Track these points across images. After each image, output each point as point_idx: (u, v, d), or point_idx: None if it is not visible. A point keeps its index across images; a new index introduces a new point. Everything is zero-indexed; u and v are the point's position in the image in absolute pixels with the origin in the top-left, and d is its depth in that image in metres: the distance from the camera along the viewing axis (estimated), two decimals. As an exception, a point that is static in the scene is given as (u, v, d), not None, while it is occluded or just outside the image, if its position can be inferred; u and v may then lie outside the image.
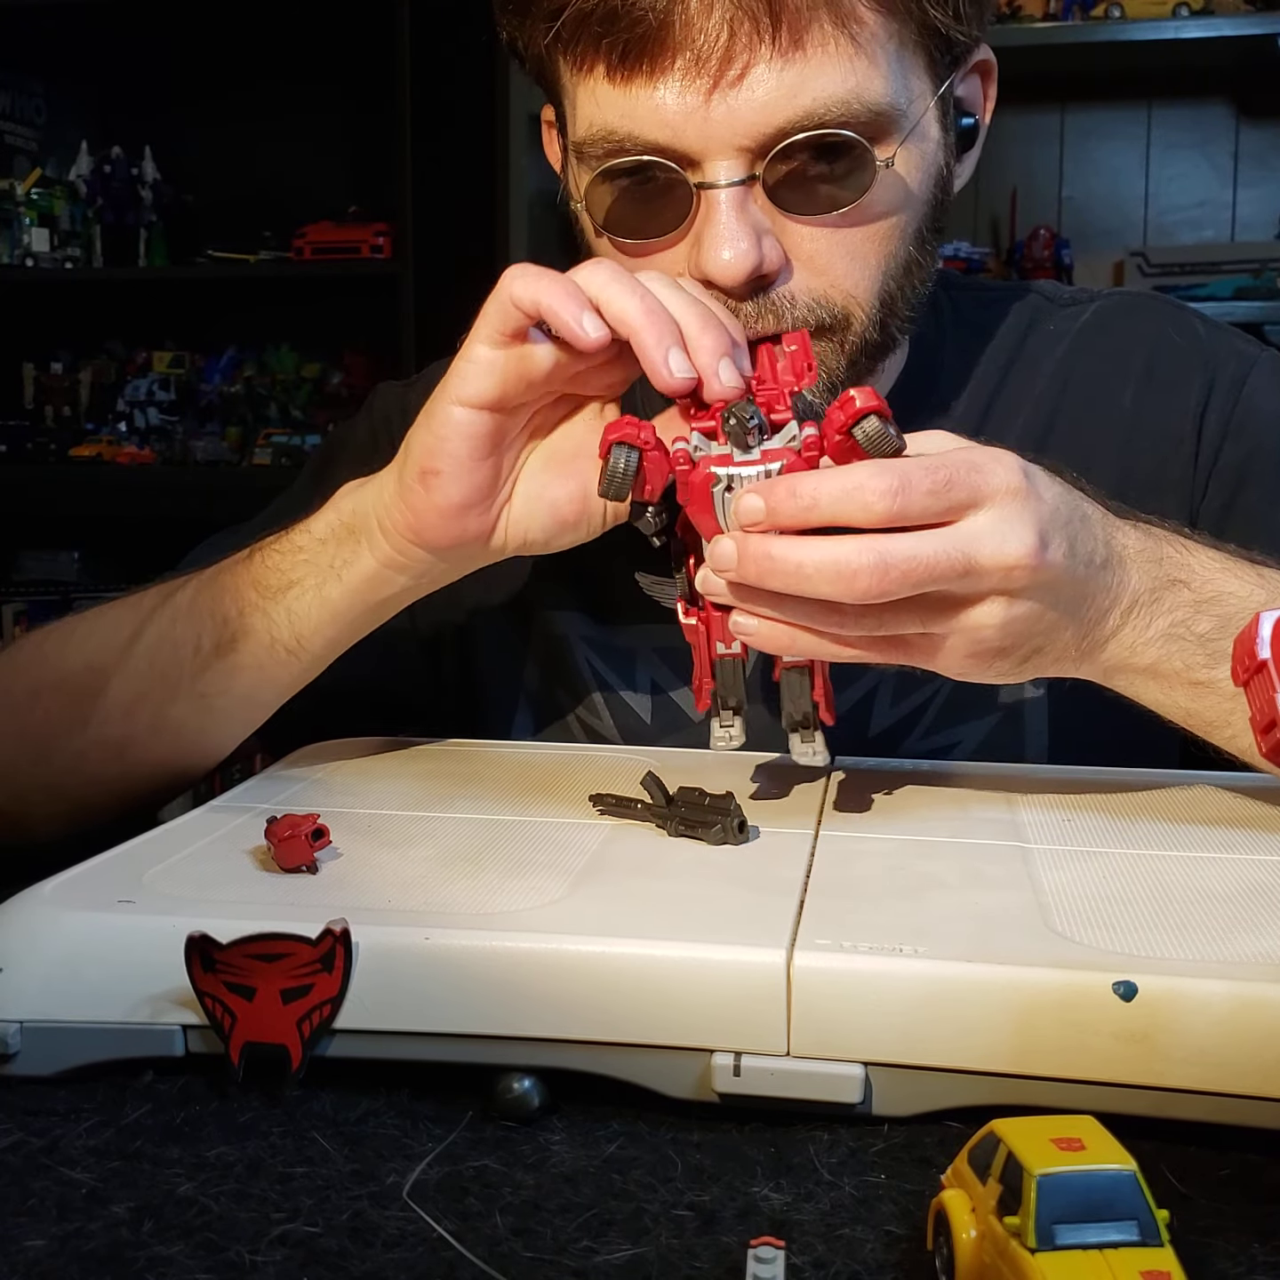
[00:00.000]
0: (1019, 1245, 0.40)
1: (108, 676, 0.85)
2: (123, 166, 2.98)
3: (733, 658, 0.72)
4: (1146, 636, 0.72)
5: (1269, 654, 0.60)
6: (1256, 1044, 0.52)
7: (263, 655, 0.82)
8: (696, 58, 0.75)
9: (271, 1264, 0.46)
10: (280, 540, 0.82)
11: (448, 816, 0.74)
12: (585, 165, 0.82)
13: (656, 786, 0.72)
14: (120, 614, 0.88)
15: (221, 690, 0.84)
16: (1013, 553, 0.65)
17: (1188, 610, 0.72)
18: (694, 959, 0.56)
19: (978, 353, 0.98)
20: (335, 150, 3.05)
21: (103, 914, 0.60)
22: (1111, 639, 0.72)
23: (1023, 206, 2.84)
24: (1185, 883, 0.64)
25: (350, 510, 0.79)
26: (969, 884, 0.64)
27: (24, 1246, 0.47)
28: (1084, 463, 0.94)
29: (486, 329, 0.72)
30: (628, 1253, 0.47)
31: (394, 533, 0.77)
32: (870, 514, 0.64)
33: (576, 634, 0.99)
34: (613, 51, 0.77)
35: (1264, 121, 2.77)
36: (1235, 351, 0.97)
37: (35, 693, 0.88)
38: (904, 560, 0.63)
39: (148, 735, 0.85)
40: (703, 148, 0.77)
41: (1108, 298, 1.01)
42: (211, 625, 0.82)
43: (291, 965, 0.56)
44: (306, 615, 0.80)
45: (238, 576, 0.82)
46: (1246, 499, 0.93)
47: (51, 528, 3.17)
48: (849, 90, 0.76)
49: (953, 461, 0.66)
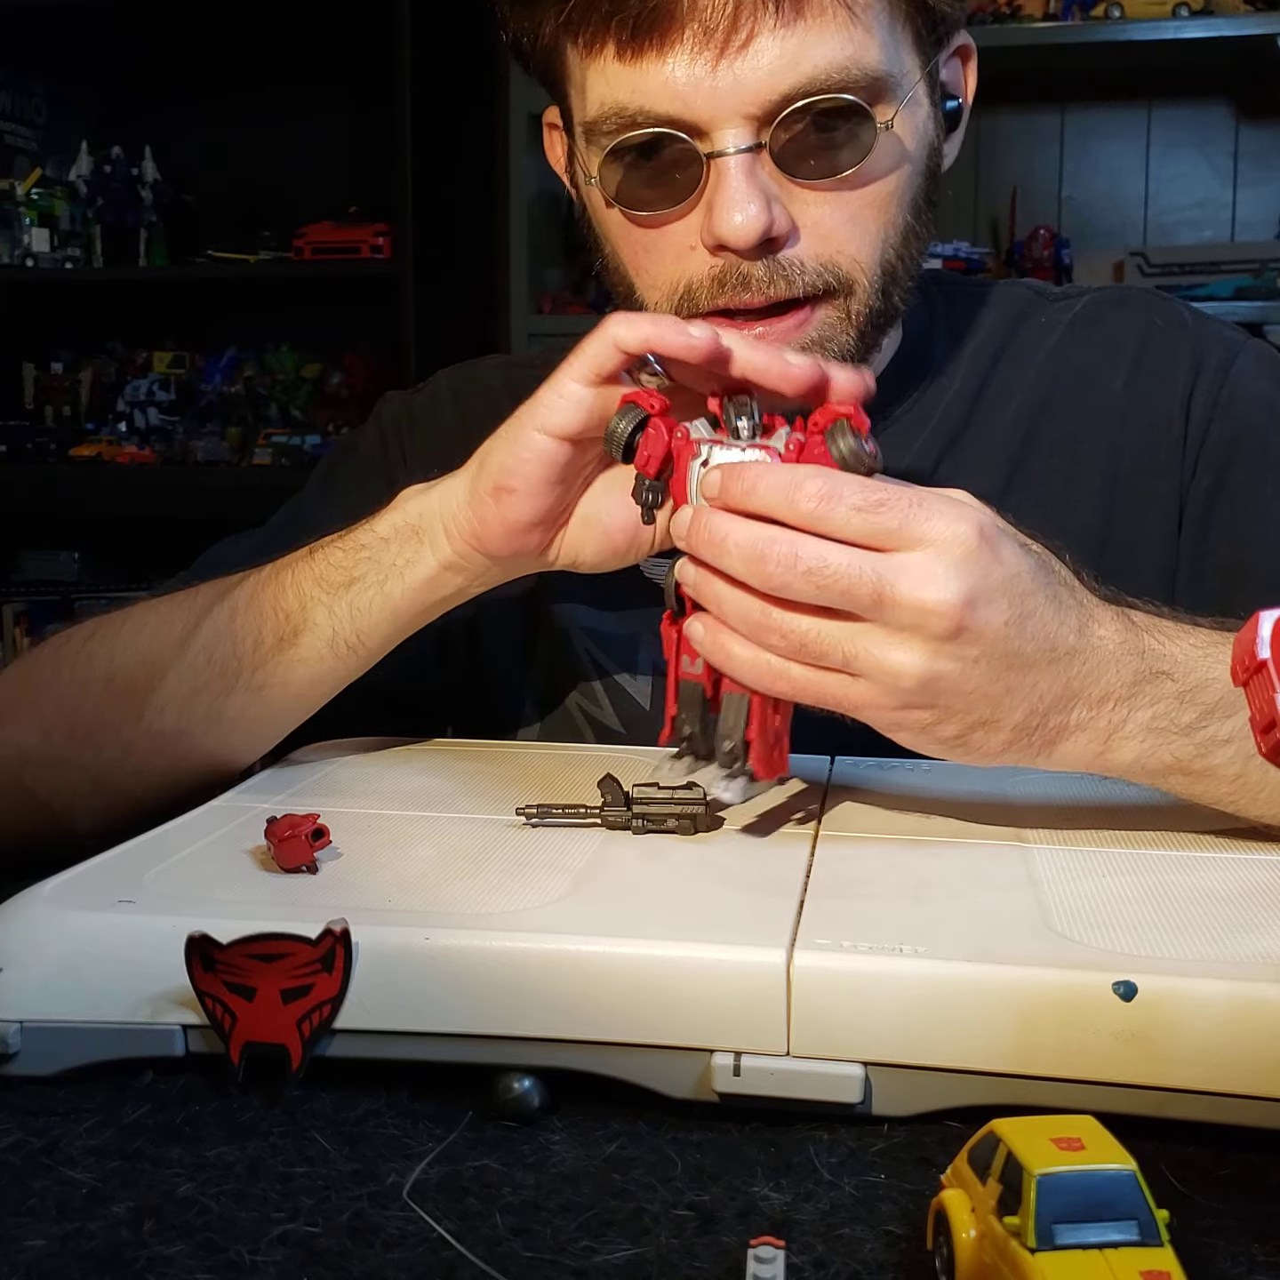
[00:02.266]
0: (1019, 1245, 0.40)
1: (163, 670, 0.86)
2: (123, 166, 2.98)
3: (694, 679, 0.72)
4: (1125, 731, 0.69)
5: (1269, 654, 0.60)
6: (1256, 1044, 0.52)
7: (323, 649, 0.84)
8: (704, 29, 0.78)
9: (271, 1264, 0.46)
10: (344, 538, 0.84)
11: (448, 816, 0.74)
12: (596, 145, 0.84)
13: (615, 788, 0.72)
14: (172, 610, 0.89)
15: (281, 683, 0.85)
16: (931, 596, 0.64)
17: (1170, 702, 0.69)
18: (694, 959, 0.56)
19: (969, 341, 1.00)
20: (335, 150, 3.05)
21: (103, 914, 0.60)
22: (1077, 731, 0.68)
23: (1023, 206, 2.84)
24: (1185, 883, 0.64)
25: (416, 513, 0.81)
26: (969, 884, 0.64)
27: (24, 1246, 0.47)
28: (1076, 448, 0.96)
29: (583, 367, 0.75)
30: (628, 1253, 0.47)
31: (458, 538, 0.80)
32: (795, 511, 0.65)
33: (576, 625, 1.00)
34: (623, 29, 0.80)
35: (1264, 121, 2.77)
36: (1221, 338, 0.99)
37: (85, 686, 0.89)
38: (813, 558, 0.64)
39: (202, 727, 0.87)
40: (711, 117, 0.80)
41: (1098, 292, 1.03)
42: (273, 619, 0.84)
43: (291, 965, 0.56)
44: (368, 611, 0.83)
45: (299, 572, 0.84)
46: (1234, 478, 0.94)
47: (51, 528, 3.18)
48: (848, 57, 0.80)
49: (898, 492, 0.66)
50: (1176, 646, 0.71)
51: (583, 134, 0.86)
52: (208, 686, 0.85)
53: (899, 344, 0.97)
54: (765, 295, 0.82)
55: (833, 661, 0.66)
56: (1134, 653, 0.69)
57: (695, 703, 0.72)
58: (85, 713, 0.89)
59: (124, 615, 0.92)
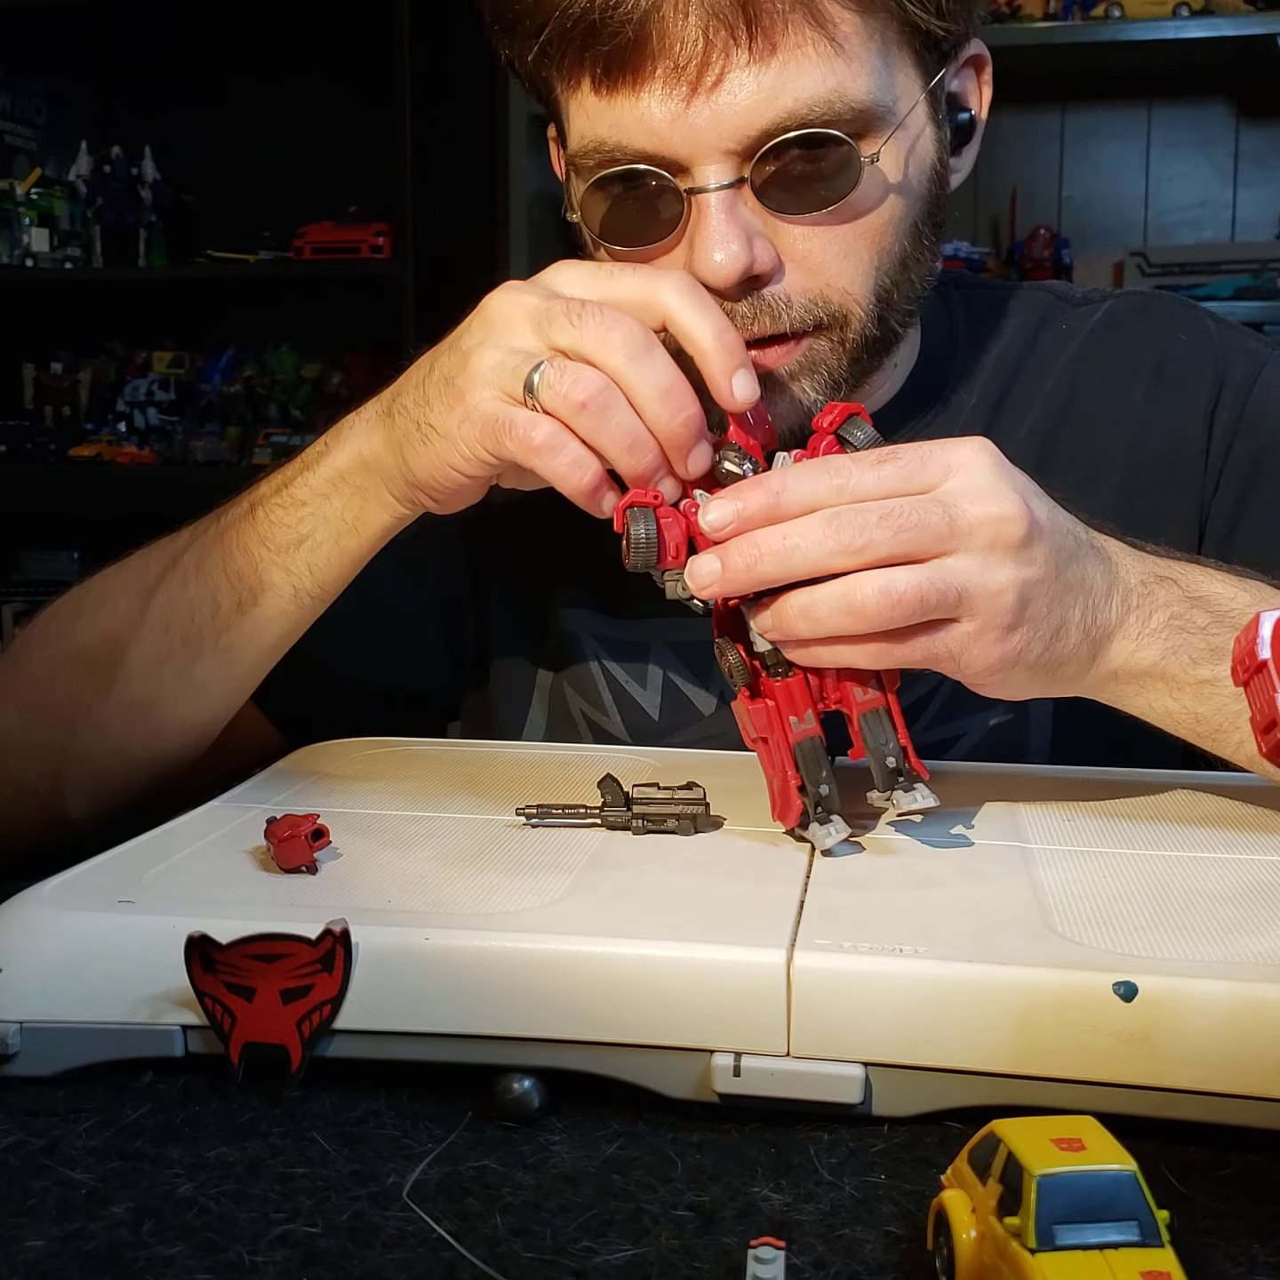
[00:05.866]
0: (1019, 1246, 0.40)
1: (124, 644, 0.86)
2: (122, 166, 2.98)
3: (808, 735, 0.68)
4: (1150, 628, 0.71)
5: (1269, 654, 0.60)
6: (1257, 1044, 0.52)
7: (287, 605, 0.84)
8: (675, 65, 0.76)
9: (271, 1264, 0.46)
10: (280, 494, 0.83)
11: (448, 816, 0.74)
12: (580, 178, 0.83)
13: (615, 788, 0.72)
14: (126, 580, 0.89)
15: (248, 643, 0.85)
16: (995, 506, 0.66)
17: (1183, 604, 0.72)
18: (694, 959, 0.56)
19: (990, 350, 0.98)
20: (335, 150, 3.05)
21: (103, 914, 0.60)
22: (1119, 628, 0.71)
23: (1023, 206, 2.84)
24: (1185, 883, 0.64)
25: (348, 465, 0.81)
26: (969, 884, 0.64)
27: (24, 1247, 0.47)
28: (1094, 460, 0.95)
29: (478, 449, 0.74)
30: (628, 1253, 0.47)
31: (403, 498, 0.79)
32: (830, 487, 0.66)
33: (587, 632, 0.99)
34: (596, 64, 0.78)
35: (1264, 121, 2.77)
36: (1246, 350, 0.97)
37: (53, 668, 0.90)
38: (879, 507, 0.65)
39: (174, 693, 0.87)
40: (690, 153, 0.78)
41: (1119, 298, 1.01)
42: (227, 584, 0.84)
43: (291, 965, 0.56)
44: (328, 565, 0.83)
45: (243, 534, 0.84)
46: (1259, 495, 0.94)
47: (51, 528, 3.18)
48: (830, 89, 0.77)
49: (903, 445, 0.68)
50: (1175, 563, 0.75)
51: (569, 164, 0.85)
52: (172, 655, 0.86)
53: (916, 356, 0.95)
54: (750, 332, 0.80)
55: (947, 607, 0.66)
56: (1136, 557, 0.73)
57: (819, 759, 0.68)
58: (56, 694, 0.89)
59: (83, 591, 0.92)
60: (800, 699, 0.69)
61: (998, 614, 0.67)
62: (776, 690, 0.69)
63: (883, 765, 0.68)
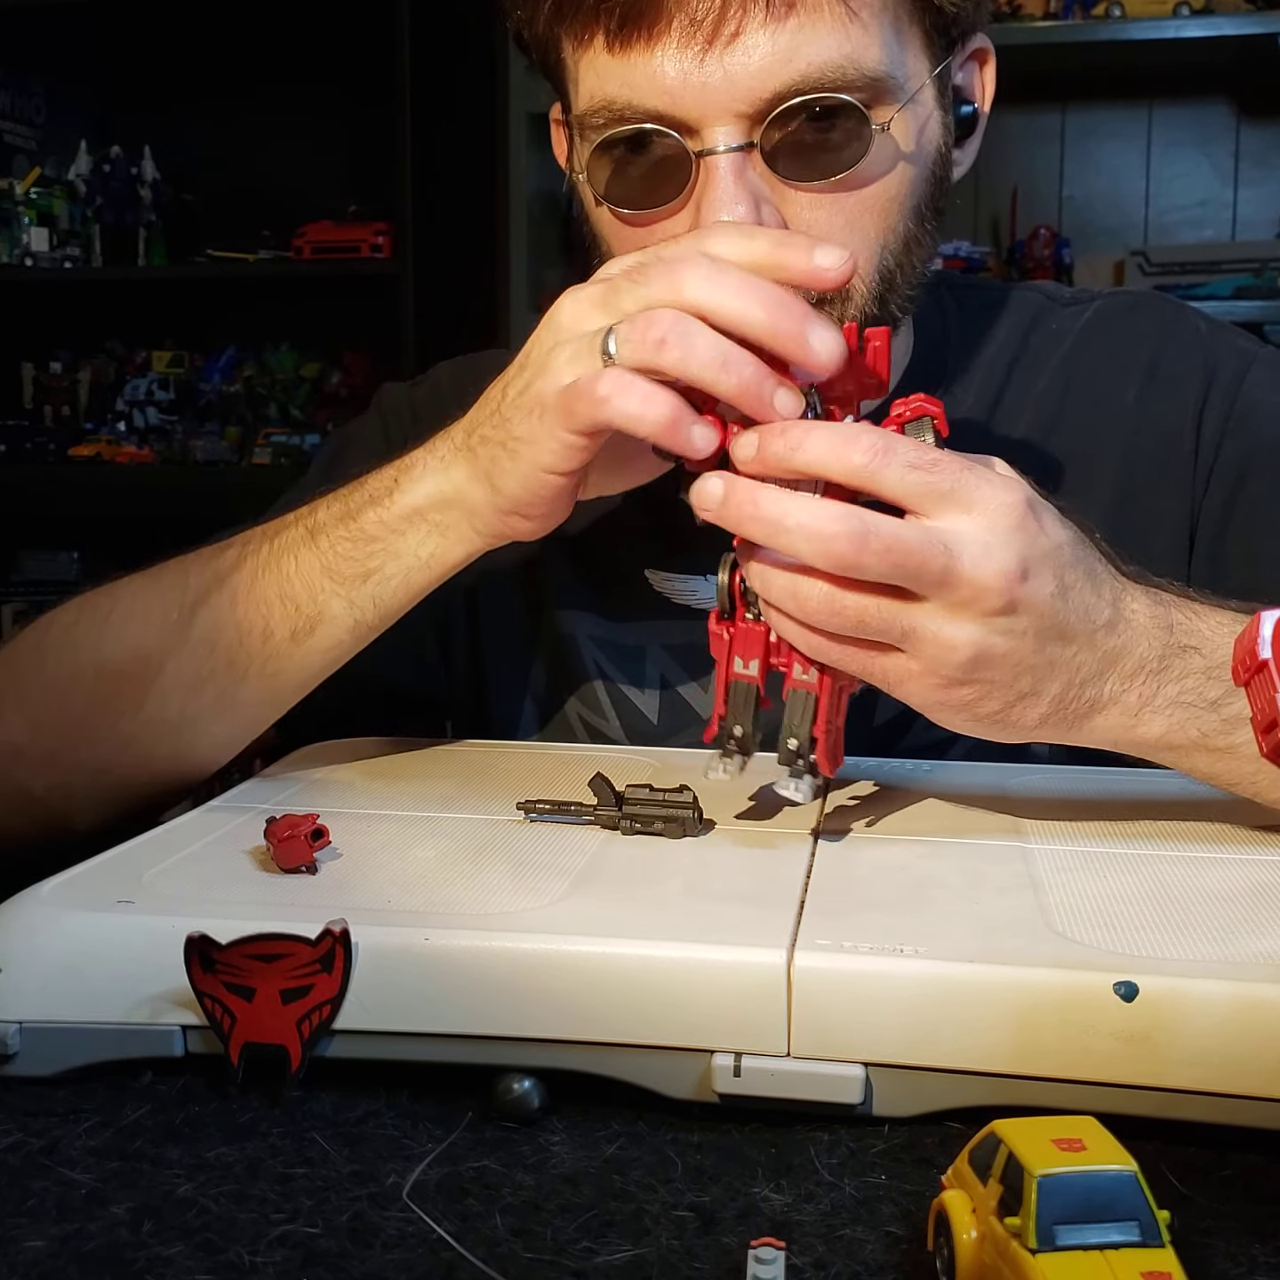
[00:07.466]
0: (1020, 1246, 0.40)
1: (160, 660, 0.84)
2: (122, 166, 2.98)
3: (747, 680, 0.71)
4: (1154, 705, 0.69)
5: (1270, 654, 0.60)
6: (1257, 1044, 0.52)
7: (343, 636, 0.82)
8: (691, 22, 0.77)
9: (271, 1264, 0.46)
10: (346, 526, 0.81)
11: (447, 816, 0.74)
12: (586, 140, 0.83)
13: (605, 787, 0.71)
14: (161, 593, 0.87)
15: (297, 669, 0.84)
16: (989, 570, 0.64)
17: (1199, 678, 0.69)
18: (694, 959, 0.56)
19: (983, 350, 0.98)
20: (335, 150, 3.05)
21: (102, 914, 0.60)
22: (1110, 705, 0.69)
23: (1023, 206, 2.84)
24: (1186, 883, 0.64)
25: (426, 501, 0.78)
26: (969, 884, 0.64)
27: (24, 1247, 0.47)
28: (1087, 461, 0.94)
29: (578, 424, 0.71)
30: (628, 1253, 0.47)
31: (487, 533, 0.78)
32: (845, 466, 0.64)
33: (584, 633, 0.98)
34: (610, 20, 0.78)
35: (1264, 121, 2.77)
36: (1235, 349, 0.97)
37: (74, 677, 0.87)
38: (888, 536, 0.63)
39: (211, 714, 0.85)
40: (700, 114, 0.78)
41: (1109, 297, 1.01)
42: (282, 611, 0.82)
43: (291, 966, 0.56)
44: (393, 599, 0.81)
45: (303, 561, 0.82)
46: (1248, 494, 0.93)
47: (51, 528, 3.18)
48: (844, 56, 0.78)
49: (950, 455, 0.65)
50: (1204, 623, 0.71)
51: (576, 128, 0.85)
52: (214, 675, 0.84)
53: (910, 357, 0.95)
54: None
55: (890, 638, 0.65)
56: (1163, 627, 0.70)
57: (748, 704, 0.71)
58: (76, 705, 0.86)
59: (108, 599, 0.89)
60: (754, 647, 0.70)
61: (943, 665, 0.66)
62: (737, 629, 0.71)
63: (784, 743, 0.70)
